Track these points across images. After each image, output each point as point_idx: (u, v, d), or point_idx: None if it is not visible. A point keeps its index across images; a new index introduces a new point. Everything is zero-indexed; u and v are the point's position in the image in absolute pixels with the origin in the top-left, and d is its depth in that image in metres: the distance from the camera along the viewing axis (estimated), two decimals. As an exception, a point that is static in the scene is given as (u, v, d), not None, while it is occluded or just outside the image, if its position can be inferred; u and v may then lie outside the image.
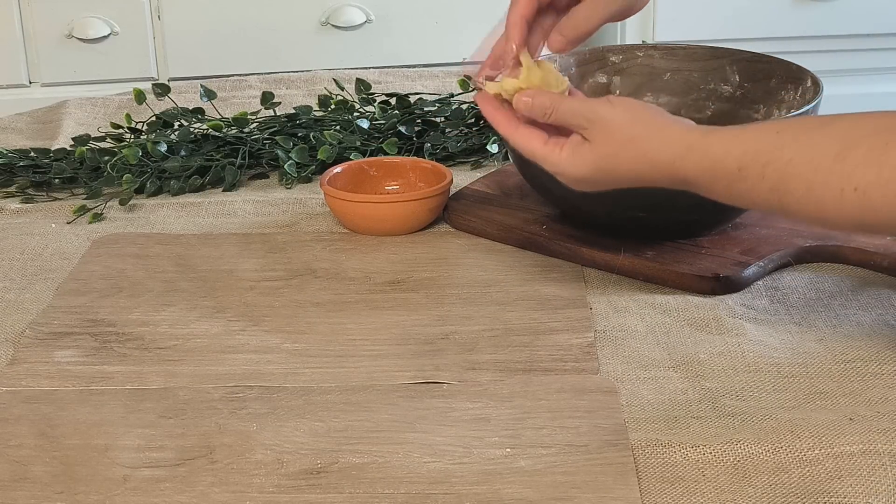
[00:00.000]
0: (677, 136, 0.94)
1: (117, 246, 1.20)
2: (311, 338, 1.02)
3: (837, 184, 0.87)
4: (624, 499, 0.81)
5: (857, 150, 0.86)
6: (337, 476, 0.84)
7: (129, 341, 1.02)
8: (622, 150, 0.95)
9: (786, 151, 0.89)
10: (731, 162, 0.91)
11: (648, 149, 0.94)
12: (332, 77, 1.61)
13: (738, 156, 0.91)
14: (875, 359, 0.97)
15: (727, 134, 0.93)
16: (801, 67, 1.22)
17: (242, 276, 1.13)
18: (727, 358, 0.97)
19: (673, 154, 0.93)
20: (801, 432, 0.86)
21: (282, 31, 2.24)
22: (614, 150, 0.95)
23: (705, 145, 0.92)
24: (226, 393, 0.94)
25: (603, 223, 1.14)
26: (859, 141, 0.87)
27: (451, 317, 1.05)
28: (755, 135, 0.92)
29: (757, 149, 0.90)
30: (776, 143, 0.90)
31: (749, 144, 0.91)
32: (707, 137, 0.93)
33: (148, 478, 0.84)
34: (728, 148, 0.92)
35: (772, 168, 0.89)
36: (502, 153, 1.37)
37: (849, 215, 0.87)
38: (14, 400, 0.94)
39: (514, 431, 0.88)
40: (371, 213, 1.21)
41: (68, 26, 2.21)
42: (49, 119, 1.57)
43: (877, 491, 0.81)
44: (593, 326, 1.02)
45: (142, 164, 1.33)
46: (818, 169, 0.87)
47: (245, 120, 1.41)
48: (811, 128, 0.91)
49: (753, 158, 0.90)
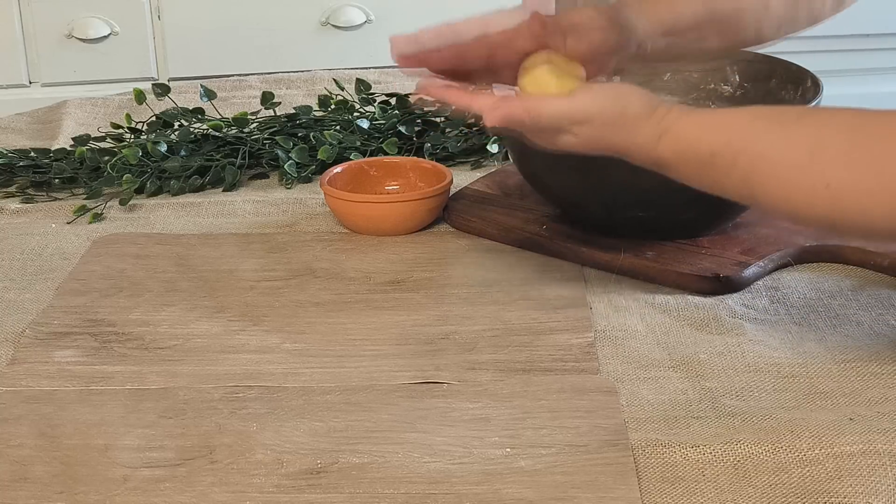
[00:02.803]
0: (655, 120, 0.94)
1: (117, 246, 1.20)
2: (311, 338, 1.02)
3: (808, 180, 0.87)
4: (624, 499, 0.81)
5: (829, 149, 0.86)
6: (337, 476, 0.84)
7: (129, 341, 1.02)
8: (606, 135, 0.95)
9: (759, 143, 0.89)
10: (703, 147, 0.91)
11: (628, 135, 0.94)
12: (332, 77, 1.61)
13: (710, 141, 0.91)
14: (875, 359, 0.97)
15: (702, 117, 0.93)
16: (801, 67, 1.22)
17: (242, 276, 1.13)
18: (727, 358, 0.97)
19: (650, 136, 0.93)
20: (801, 432, 0.86)
21: (282, 31, 2.24)
22: (596, 136, 0.95)
23: (679, 128, 0.92)
24: (226, 393, 0.94)
25: (603, 223, 1.14)
26: (831, 138, 0.87)
27: (451, 317, 1.05)
28: (729, 121, 0.92)
29: (730, 137, 0.90)
30: (749, 133, 0.90)
31: (722, 131, 0.91)
32: (681, 120, 0.93)
33: (148, 478, 0.84)
34: (701, 132, 0.92)
35: (743, 158, 0.89)
36: (502, 153, 1.37)
37: (819, 213, 0.87)
38: (14, 400, 0.94)
39: (514, 431, 0.88)
40: (371, 213, 1.21)
41: (68, 26, 2.21)
42: (49, 119, 1.57)
43: (877, 491, 0.81)
44: (593, 326, 1.02)
45: (142, 164, 1.33)
46: (790, 165, 0.87)
47: (245, 120, 1.41)
48: (785, 121, 0.91)
49: (726, 146, 0.90)
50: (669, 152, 0.93)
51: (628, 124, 0.94)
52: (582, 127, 0.95)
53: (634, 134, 0.94)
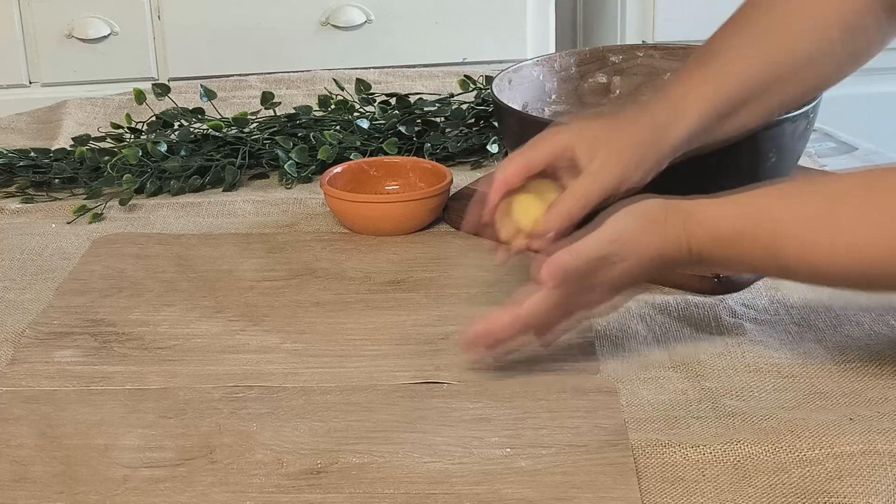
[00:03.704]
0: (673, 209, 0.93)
1: (117, 246, 1.20)
2: (311, 338, 1.02)
3: (828, 238, 0.88)
4: (624, 499, 0.81)
5: (845, 207, 0.88)
6: (337, 476, 0.84)
7: (129, 341, 1.02)
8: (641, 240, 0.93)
9: (774, 210, 0.90)
10: (725, 226, 0.91)
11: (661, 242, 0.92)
12: (332, 77, 1.61)
13: (729, 218, 0.91)
14: (875, 359, 0.97)
15: (719, 201, 0.92)
16: (801, 67, 1.22)
17: (242, 276, 1.13)
18: (727, 358, 0.97)
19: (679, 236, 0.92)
20: (801, 432, 0.86)
21: (282, 31, 2.24)
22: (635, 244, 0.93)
23: (702, 217, 0.92)
24: (226, 393, 0.94)
25: (603, 223, 1.14)
26: (845, 198, 0.88)
27: (451, 317, 1.05)
28: (743, 199, 0.92)
29: (745, 210, 0.91)
30: (764, 204, 0.91)
31: (738, 207, 0.91)
32: (701, 209, 0.92)
33: (148, 478, 0.84)
34: (720, 212, 0.92)
35: (763, 229, 0.90)
36: (502, 153, 1.37)
37: (844, 270, 0.88)
38: (14, 400, 0.94)
39: (514, 431, 0.88)
40: (371, 213, 1.21)
41: (68, 26, 2.21)
42: (49, 119, 1.57)
43: (877, 491, 0.81)
44: (593, 326, 1.02)
45: (142, 164, 1.33)
46: (808, 226, 0.89)
47: (245, 120, 1.41)
48: (796, 188, 0.93)
49: (743, 220, 0.91)
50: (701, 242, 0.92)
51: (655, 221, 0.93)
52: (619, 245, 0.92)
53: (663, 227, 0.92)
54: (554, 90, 1.29)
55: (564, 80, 1.30)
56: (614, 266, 0.92)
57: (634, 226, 0.92)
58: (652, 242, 0.92)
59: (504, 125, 1.22)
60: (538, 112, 1.26)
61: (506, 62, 1.29)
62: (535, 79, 1.28)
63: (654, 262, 0.93)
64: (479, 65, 1.97)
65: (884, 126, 2.08)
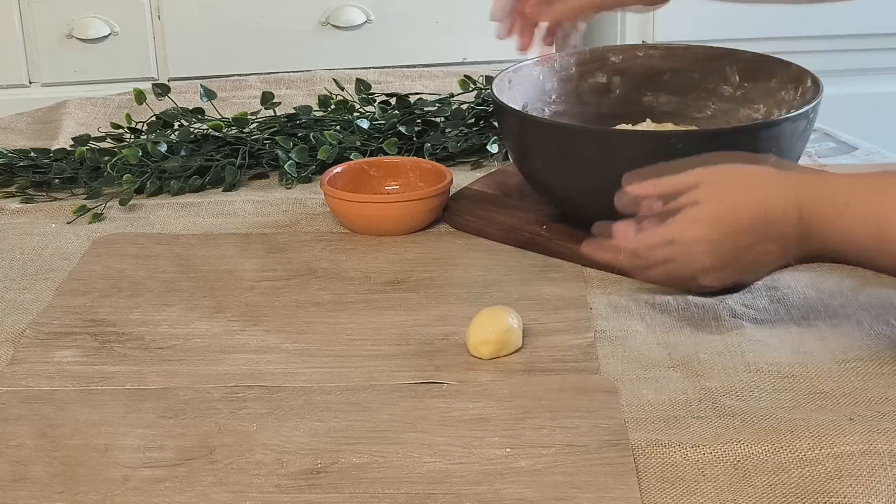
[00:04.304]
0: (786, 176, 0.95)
1: (117, 246, 1.20)
2: (311, 338, 1.02)
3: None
4: (624, 499, 0.81)
5: None
6: (337, 476, 0.84)
7: (129, 341, 1.02)
8: (740, 198, 0.96)
9: (891, 189, 0.92)
10: (840, 196, 0.94)
11: (764, 194, 0.95)
12: (332, 77, 1.61)
13: (844, 191, 0.94)
14: (875, 359, 0.97)
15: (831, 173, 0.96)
16: (801, 67, 1.22)
17: (242, 276, 1.13)
18: (727, 358, 0.97)
19: (788, 192, 0.95)
20: (801, 432, 0.86)
21: (282, 31, 2.24)
22: (732, 199, 0.96)
23: (816, 181, 0.95)
24: (226, 393, 0.94)
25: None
26: None
27: (451, 317, 1.05)
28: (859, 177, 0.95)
29: (863, 185, 0.94)
30: (881, 183, 0.93)
31: (855, 181, 0.94)
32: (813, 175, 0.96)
33: (148, 478, 0.84)
34: (836, 183, 0.94)
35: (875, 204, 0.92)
36: (502, 153, 1.37)
37: None
38: (14, 400, 0.94)
39: (514, 431, 0.88)
40: (371, 213, 1.21)
41: (68, 26, 2.21)
42: (49, 119, 1.57)
43: (877, 491, 0.81)
44: (593, 326, 1.02)
45: (142, 164, 1.33)
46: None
47: (245, 120, 1.41)
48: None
49: (860, 194, 0.93)
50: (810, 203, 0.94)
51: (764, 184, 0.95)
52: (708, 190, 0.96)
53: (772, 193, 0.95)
54: (554, 90, 1.29)
55: (564, 80, 1.30)
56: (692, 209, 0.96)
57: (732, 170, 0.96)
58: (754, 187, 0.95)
59: (504, 125, 1.22)
60: (538, 112, 1.26)
61: (506, 62, 1.29)
62: (535, 79, 1.28)
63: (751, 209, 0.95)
64: (479, 65, 1.96)
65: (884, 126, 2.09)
